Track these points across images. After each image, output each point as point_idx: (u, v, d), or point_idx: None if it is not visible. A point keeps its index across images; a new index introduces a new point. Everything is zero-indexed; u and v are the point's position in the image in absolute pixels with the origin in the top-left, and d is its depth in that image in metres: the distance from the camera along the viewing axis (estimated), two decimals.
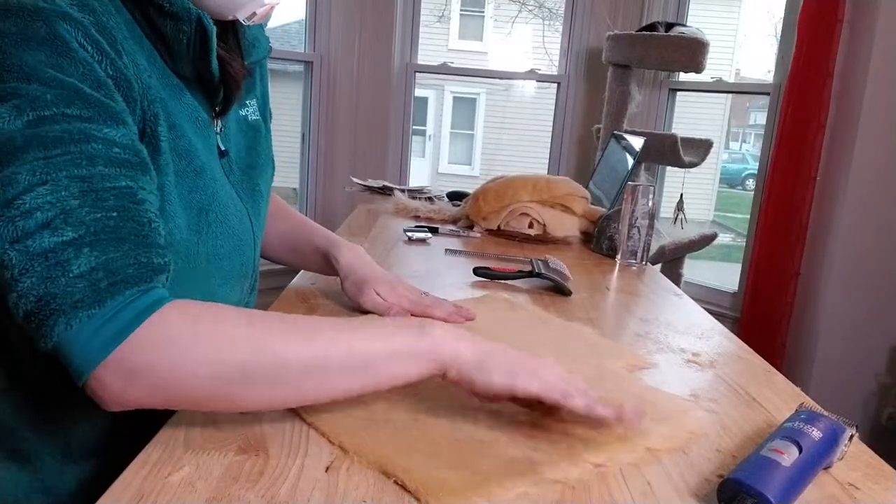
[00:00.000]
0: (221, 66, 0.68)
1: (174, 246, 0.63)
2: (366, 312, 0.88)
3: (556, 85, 3.07)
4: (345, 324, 0.60)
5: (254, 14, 0.67)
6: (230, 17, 0.66)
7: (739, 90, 4.20)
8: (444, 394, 0.65)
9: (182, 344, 0.50)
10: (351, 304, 0.90)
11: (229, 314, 0.55)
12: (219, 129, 0.74)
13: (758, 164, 2.70)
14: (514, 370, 0.56)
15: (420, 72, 3.10)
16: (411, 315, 0.87)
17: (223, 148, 0.74)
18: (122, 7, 0.62)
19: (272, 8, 0.69)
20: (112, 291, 0.49)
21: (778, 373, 0.81)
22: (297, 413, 0.60)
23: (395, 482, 0.50)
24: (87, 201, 0.51)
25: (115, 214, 0.52)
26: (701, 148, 2.53)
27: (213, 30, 0.63)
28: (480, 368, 0.56)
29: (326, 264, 0.94)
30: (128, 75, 0.58)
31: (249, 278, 0.80)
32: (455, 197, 1.86)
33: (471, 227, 1.55)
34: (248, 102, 0.81)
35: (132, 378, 0.49)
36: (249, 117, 0.81)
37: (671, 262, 2.52)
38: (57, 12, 0.55)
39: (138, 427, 0.68)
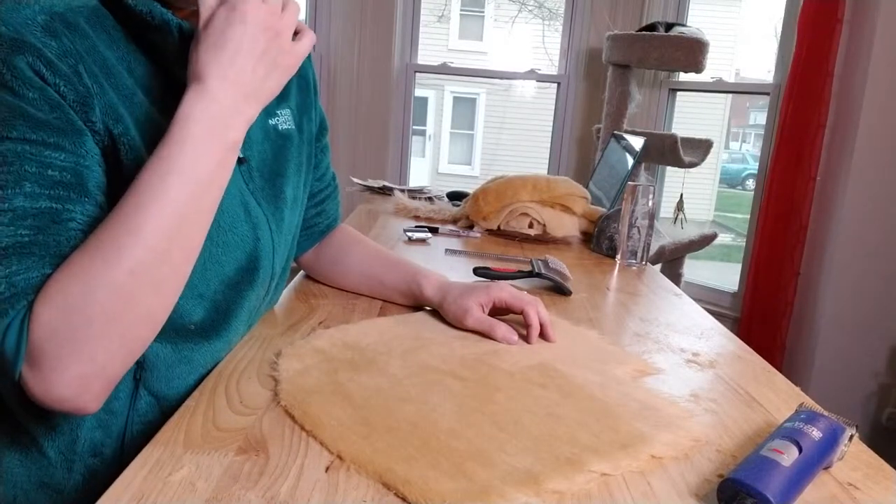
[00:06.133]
0: None
1: None
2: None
3: (556, 85, 3.07)
4: (155, 190, 0.57)
5: None
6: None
7: (739, 90, 4.20)
8: (445, 402, 0.65)
9: (67, 332, 0.53)
10: (348, 305, 0.90)
11: (74, 269, 0.55)
12: None
13: (758, 164, 2.70)
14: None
15: (420, 72, 3.10)
16: (512, 310, 0.85)
17: (241, 155, 0.74)
18: (118, 25, 0.64)
19: None
20: (12, 302, 0.53)
21: (778, 373, 0.81)
22: (296, 419, 0.60)
23: (396, 494, 0.50)
24: (5, 220, 0.54)
25: (28, 233, 0.54)
26: (701, 148, 2.53)
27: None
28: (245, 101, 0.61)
29: (410, 295, 0.93)
30: (87, 98, 0.59)
31: (265, 285, 0.80)
32: (455, 197, 1.86)
33: (471, 227, 1.56)
34: (278, 112, 0.81)
35: (50, 370, 0.53)
36: (280, 126, 0.81)
37: (671, 262, 2.52)
38: (14, 41, 0.56)
39: (147, 429, 0.69)
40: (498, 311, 0.86)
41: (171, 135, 0.58)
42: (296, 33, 0.65)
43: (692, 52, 2.43)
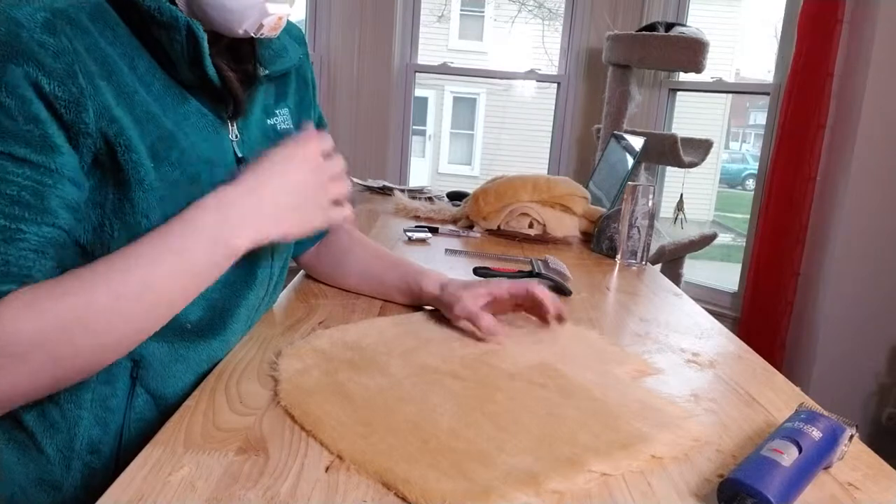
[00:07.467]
0: (220, 74, 0.68)
1: None
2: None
3: (555, 85, 3.07)
4: (140, 261, 0.59)
5: (261, 26, 0.67)
6: (240, 32, 0.67)
7: (739, 90, 4.20)
8: (445, 402, 0.65)
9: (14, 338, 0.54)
10: (348, 305, 0.90)
11: (42, 293, 0.56)
12: (234, 136, 0.74)
13: (758, 164, 2.70)
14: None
15: (420, 72, 3.10)
16: (516, 292, 0.85)
17: (240, 154, 0.74)
18: (121, 22, 0.64)
19: (282, 19, 0.68)
20: None
21: (778, 373, 0.81)
22: (296, 419, 0.60)
23: (396, 494, 0.50)
24: None
25: None
26: (701, 148, 2.53)
27: (204, 37, 0.64)
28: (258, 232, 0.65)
29: (410, 294, 0.93)
30: (80, 98, 0.59)
31: (264, 286, 0.80)
32: (455, 197, 1.86)
33: (471, 227, 1.56)
34: (277, 112, 0.81)
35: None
36: (279, 126, 0.81)
37: (671, 262, 2.52)
38: (8, 44, 0.56)
39: (144, 428, 0.69)
40: (503, 309, 0.86)
41: (185, 214, 0.62)
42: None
43: (692, 52, 2.43)
